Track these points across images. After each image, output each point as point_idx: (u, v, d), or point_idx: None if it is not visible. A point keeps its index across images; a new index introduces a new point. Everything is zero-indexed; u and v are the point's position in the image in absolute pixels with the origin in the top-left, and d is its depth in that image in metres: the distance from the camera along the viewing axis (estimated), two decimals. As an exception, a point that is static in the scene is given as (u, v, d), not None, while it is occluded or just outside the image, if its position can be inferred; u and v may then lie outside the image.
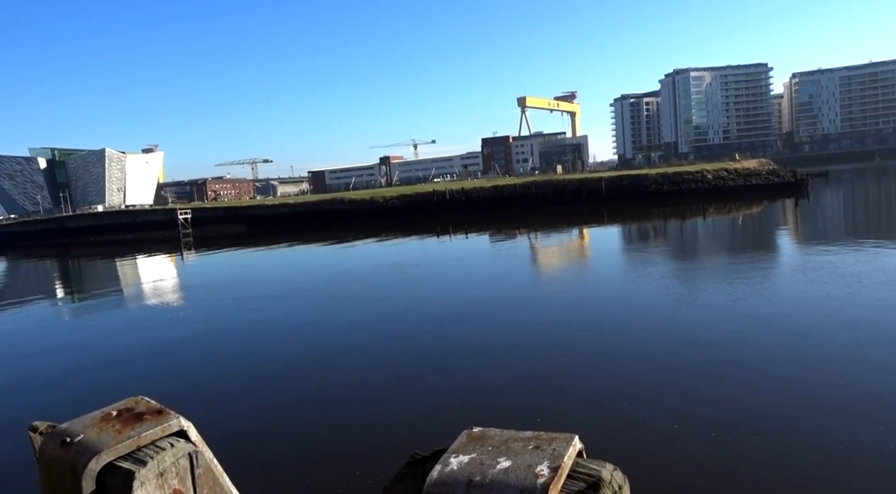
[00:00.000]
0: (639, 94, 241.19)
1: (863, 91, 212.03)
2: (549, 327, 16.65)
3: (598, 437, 8.64)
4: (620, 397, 10.95)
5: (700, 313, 16.90)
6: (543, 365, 13.31)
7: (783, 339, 13.72)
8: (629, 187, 65.60)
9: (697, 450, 8.77)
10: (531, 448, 1.61)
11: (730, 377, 11.55)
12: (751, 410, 9.92)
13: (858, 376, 11.09)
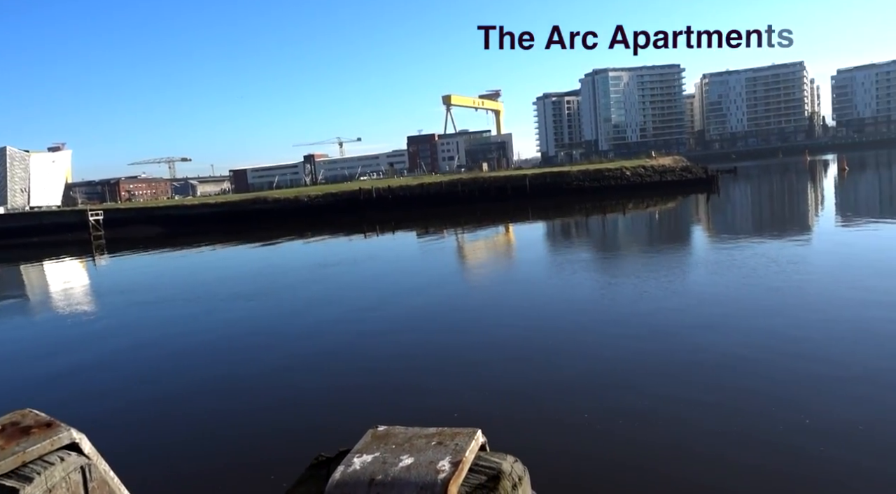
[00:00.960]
0: (560, 93, 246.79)
1: (766, 91, 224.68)
2: (465, 323, 16.91)
3: (504, 430, 8.85)
4: (529, 390, 11.20)
5: (611, 306, 17.49)
6: (456, 361, 13.49)
7: (688, 331, 14.35)
8: (552, 184, 67.09)
9: (603, 441, 9.03)
10: (434, 445, 1.62)
11: (637, 368, 11.97)
12: (657, 399, 10.31)
13: (752, 362, 11.75)
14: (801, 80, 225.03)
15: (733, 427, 9.07)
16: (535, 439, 9.03)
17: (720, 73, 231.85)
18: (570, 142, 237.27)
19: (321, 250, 40.80)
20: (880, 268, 19.07)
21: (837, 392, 10.07)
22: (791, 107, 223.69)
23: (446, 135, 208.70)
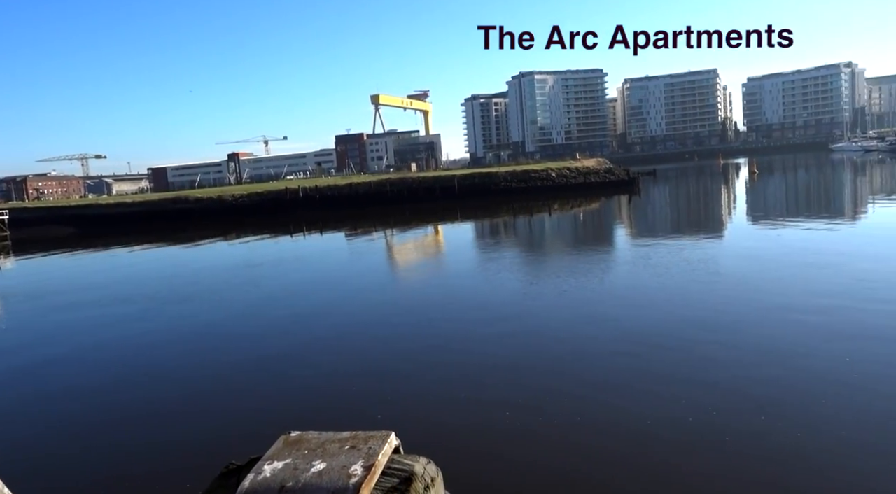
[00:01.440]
0: (488, 95, 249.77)
1: (683, 97, 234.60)
2: (387, 325, 16.91)
3: (421, 432, 8.97)
4: (448, 391, 11.35)
5: (531, 306, 17.82)
6: (377, 363, 13.46)
7: (598, 328, 14.83)
8: (481, 185, 67.79)
9: (519, 440, 9.19)
10: (348, 449, 1.60)
11: (556, 368, 12.24)
12: (573, 398, 10.57)
13: (658, 355, 12.28)
14: (715, 87, 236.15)
15: (643, 420, 9.42)
16: (452, 439, 9.18)
17: (640, 79, 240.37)
18: (498, 144, 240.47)
19: (245, 251, 39.78)
20: (785, 264, 20.26)
21: (740, 373, 10.64)
22: (706, 112, 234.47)
23: (375, 135, 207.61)
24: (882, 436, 8.36)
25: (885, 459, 7.80)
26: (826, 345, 12.07)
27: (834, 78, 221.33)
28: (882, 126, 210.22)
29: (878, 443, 8.20)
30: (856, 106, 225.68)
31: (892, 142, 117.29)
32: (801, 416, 9.15)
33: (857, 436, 8.38)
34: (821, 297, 15.69)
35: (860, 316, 13.88)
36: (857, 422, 8.79)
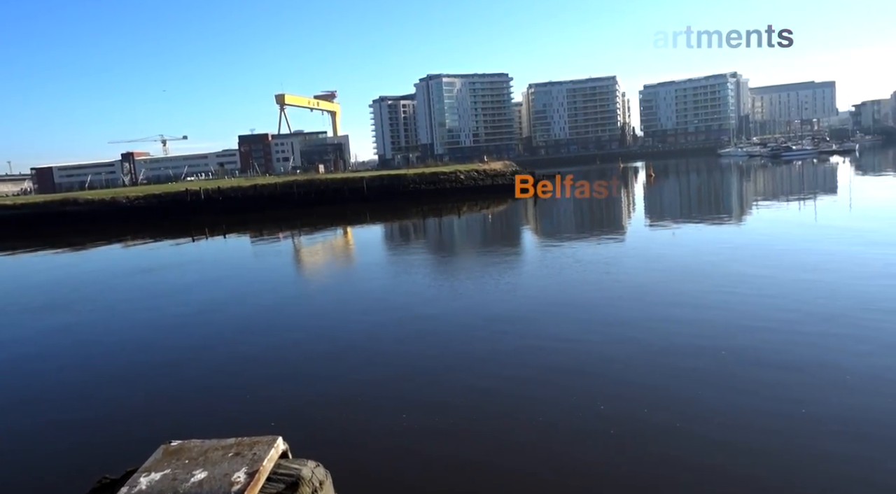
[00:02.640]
0: (396, 97, 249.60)
1: (585, 102, 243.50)
2: (285, 329, 16.57)
3: (313, 434, 8.93)
4: (342, 392, 11.26)
5: (428, 306, 17.90)
6: (266, 368, 13.17)
7: (499, 328, 15.16)
8: (390, 187, 67.57)
9: (410, 439, 9.22)
10: (231, 456, 1.53)
11: (452, 366, 12.33)
12: (466, 396, 10.68)
13: (554, 351, 12.70)
14: (614, 93, 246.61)
15: (537, 414, 9.69)
16: (345, 442, 9.10)
17: (544, 84, 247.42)
18: (407, 146, 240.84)
19: (139, 255, 37.78)
20: (677, 261, 21.42)
21: (629, 365, 11.15)
22: (606, 117, 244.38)
23: (280, 136, 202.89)
24: (765, 424, 8.98)
25: (766, 450, 8.37)
26: (710, 336, 12.86)
27: (721, 87, 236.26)
28: (764, 133, 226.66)
29: (760, 432, 8.79)
30: (741, 113, 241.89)
31: (773, 148, 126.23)
32: (680, 406, 9.68)
33: (735, 425, 8.97)
34: (717, 291, 16.69)
35: (746, 307, 14.86)
36: (738, 411, 9.40)
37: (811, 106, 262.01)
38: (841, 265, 18.97)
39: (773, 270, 19.03)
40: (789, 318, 13.73)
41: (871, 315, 13.51)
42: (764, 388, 10.09)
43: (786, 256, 21.45)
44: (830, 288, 16.08)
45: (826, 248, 22.32)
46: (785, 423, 8.82)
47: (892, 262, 18.83)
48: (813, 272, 18.22)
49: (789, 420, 8.92)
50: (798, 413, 9.08)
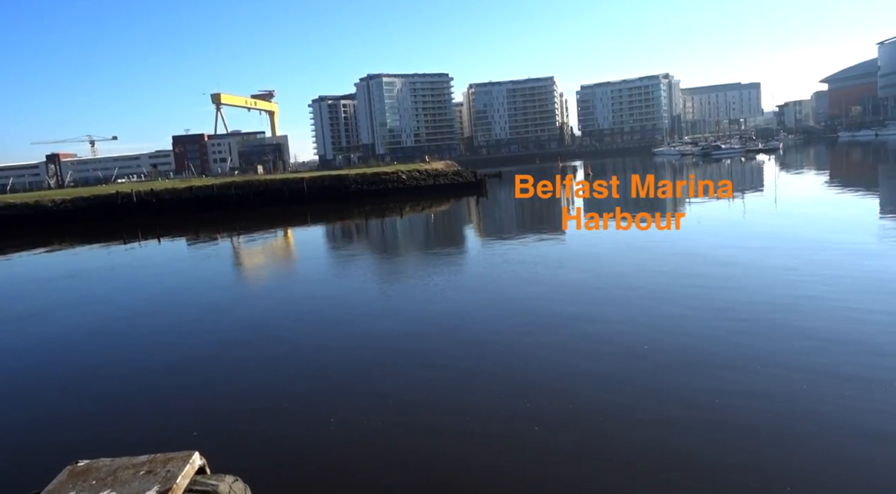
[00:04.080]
0: (336, 96, 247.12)
1: (525, 102, 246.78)
2: (208, 339, 16.10)
3: (236, 448, 8.72)
4: (264, 404, 10.95)
5: (368, 309, 17.77)
6: (186, 379, 12.75)
7: (435, 332, 15.16)
8: (331, 187, 66.77)
9: (333, 449, 9.07)
10: (143, 474, 1.41)
11: (376, 377, 12.11)
12: (390, 407, 10.49)
13: (507, 345, 12.79)
14: (553, 94, 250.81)
15: (456, 415, 9.70)
16: (267, 454, 8.89)
17: (484, 84, 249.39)
18: (348, 146, 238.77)
19: (64, 261, 36.07)
20: (611, 254, 21.89)
21: (549, 355, 11.32)
22: (545, 117, 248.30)
23: (217, 136, 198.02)
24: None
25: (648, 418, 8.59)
26: (640, 320, 13.18)
27: (654, 88, 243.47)
28: (695, 132, 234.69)
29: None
30: (673, 113, 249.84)
31: (704, 147, 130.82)
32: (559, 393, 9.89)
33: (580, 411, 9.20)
34: (652, 276, 17.12)
35: (675, 288, 15.30)
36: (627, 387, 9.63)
37: (738, 106, 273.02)
38: (750, 262, 19.78)
39: (703, 268, 19.68)
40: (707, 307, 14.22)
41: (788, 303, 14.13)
42: (684, 375, 10.39)
43: (713, 252, 22.25)
44: (743, 279, 16.76)
45: (737, 244, 23.25)
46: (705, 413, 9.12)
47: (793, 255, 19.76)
48: (725, 267, 18.94)
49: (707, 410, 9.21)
50: (713, 404, 9.38)
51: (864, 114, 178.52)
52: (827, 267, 17.76)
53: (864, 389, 9.50)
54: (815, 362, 10.78)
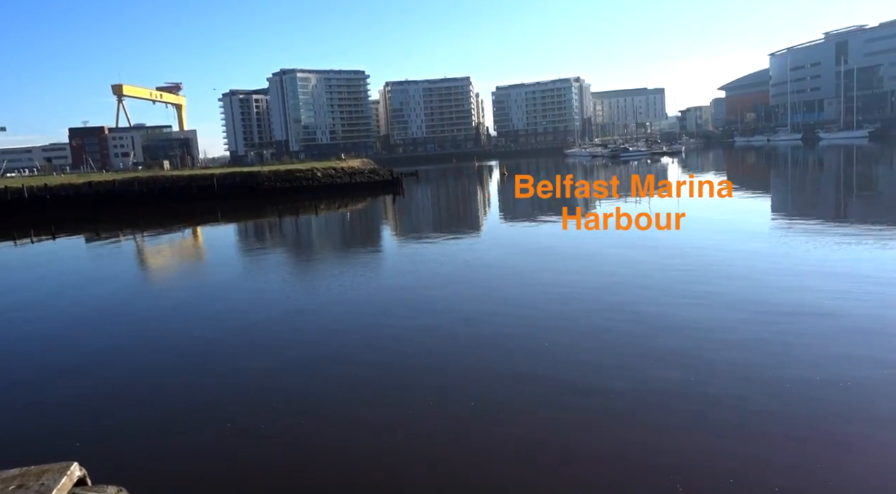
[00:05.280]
0: (248, 91, 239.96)
1: (441, 102, 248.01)
2: (107, 342, 15.31)
3: (127, 458, 8.29)
4: (155, 413, 10.47)
5: (274, 310, 17.38)
6: (64, 387, 12.01)
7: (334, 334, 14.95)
8: (243, 184, 64.68)
9: (226, 462, 8.76)
10: (13, 489, 1.38)
11: (283, 378, 11.80)
12: (279, 417, 10.19)
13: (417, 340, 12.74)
14: (469, 94, 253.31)
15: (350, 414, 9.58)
16: (154, 463, 8.53)
17: (401, 83, 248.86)
18: (261, 142, 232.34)
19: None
20: (525, 251, 22.27)
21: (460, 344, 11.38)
22: (461, 117, 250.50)
23: (119, 129, 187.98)
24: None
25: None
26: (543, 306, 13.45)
27: (566, 90, 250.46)
28: (605, 134, 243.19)
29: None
30: (584, 116, 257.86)
31: (613, 149, 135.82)
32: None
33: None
34: (562, 273, 17.48)
35: (581, 279, 15.71)
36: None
37: (645, 110, 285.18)
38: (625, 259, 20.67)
39: (614, 267, 20.37)
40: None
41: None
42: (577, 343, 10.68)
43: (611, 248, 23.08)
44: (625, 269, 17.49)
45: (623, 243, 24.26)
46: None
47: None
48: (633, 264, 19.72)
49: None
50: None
51: (758, 121, 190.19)
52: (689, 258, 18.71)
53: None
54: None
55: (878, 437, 8.03)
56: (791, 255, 19.53)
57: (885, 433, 8.12)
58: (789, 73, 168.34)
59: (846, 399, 9.11)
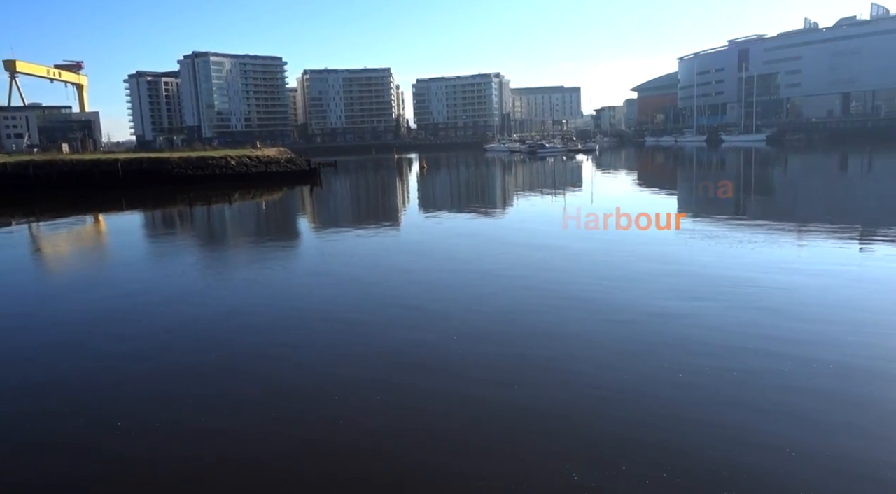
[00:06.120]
0: (157, 73, 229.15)
1: (361, 92, 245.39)
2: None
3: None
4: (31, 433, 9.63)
5: (179, 307, 16.76)
6: None
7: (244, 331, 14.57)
8: (151, 171, 61.54)
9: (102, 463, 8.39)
10: None
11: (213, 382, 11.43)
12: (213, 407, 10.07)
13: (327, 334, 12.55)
14: (389, 85, 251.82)
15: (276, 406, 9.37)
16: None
17: (320, 71, 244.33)
18: (171, 127, 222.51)
19: None
20: (437, 240, 22.36)
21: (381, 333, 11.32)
22: (381, 108, 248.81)
23: (11, 109, 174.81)
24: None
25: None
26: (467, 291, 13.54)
27: (486, 86, 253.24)
28: (523, 130, 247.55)
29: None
30: (503, 111, 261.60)
31: (531, 146, 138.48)
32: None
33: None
34: (479, 262, 17.62)
35: (491, 267, 15.91)
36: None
37: (561, 108, 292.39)
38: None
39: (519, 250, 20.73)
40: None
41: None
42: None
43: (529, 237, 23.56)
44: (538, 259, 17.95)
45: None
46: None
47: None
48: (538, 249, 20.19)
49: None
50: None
51: (667, 122, 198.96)
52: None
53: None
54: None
55: (747, 419, 8.47)
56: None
57: (758, 414, 8.58)
58: (696, 78, 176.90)
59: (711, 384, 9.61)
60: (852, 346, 11.10)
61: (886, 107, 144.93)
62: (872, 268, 17.45)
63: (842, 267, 17.53)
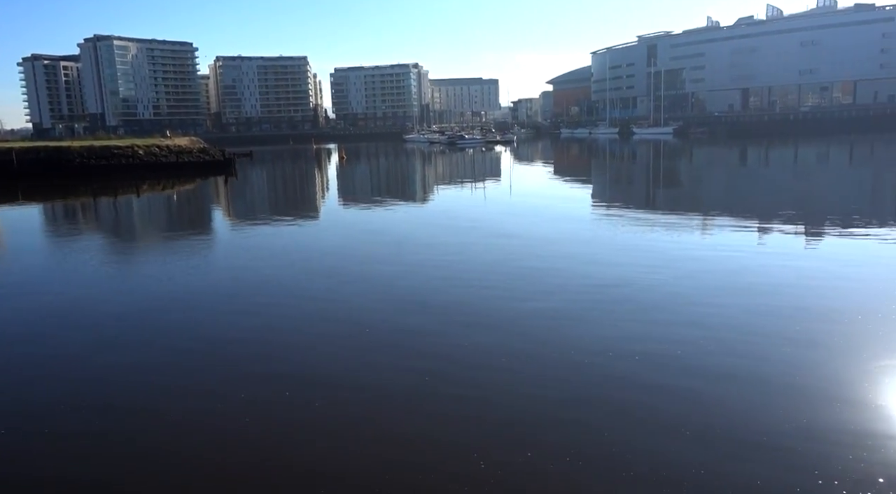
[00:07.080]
0: (55, 57, 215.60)
1: (277, 81, 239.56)
2: None
3: None
4: None
5: (86, 305, 16.13)
6: None
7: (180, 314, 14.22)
8: (49, 161, 57.96)
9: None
10: None
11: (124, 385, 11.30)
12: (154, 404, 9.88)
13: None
14: (306, 74, 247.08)
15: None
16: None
17: (233, 58, 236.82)
18: (71, 114, 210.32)
19: None
20: (351, 234, 22.35)
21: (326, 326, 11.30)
22: (298, 97, 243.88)
23: None
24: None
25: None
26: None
27: (405, 76, 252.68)
28: (442, 121, 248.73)
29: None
30: (423, 102, 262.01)
31: (450, 137, 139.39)
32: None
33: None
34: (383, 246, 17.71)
35: (424, 258, 16.07)
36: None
37: (480, 100, 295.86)
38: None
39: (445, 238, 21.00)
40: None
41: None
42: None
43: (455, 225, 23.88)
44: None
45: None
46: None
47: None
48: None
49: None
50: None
51: (581, 114, 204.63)
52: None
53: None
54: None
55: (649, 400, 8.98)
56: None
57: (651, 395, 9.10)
58: (608, 72, 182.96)
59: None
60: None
61: (781, 102, 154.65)
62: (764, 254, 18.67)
63: (738, 252, 18.67)
